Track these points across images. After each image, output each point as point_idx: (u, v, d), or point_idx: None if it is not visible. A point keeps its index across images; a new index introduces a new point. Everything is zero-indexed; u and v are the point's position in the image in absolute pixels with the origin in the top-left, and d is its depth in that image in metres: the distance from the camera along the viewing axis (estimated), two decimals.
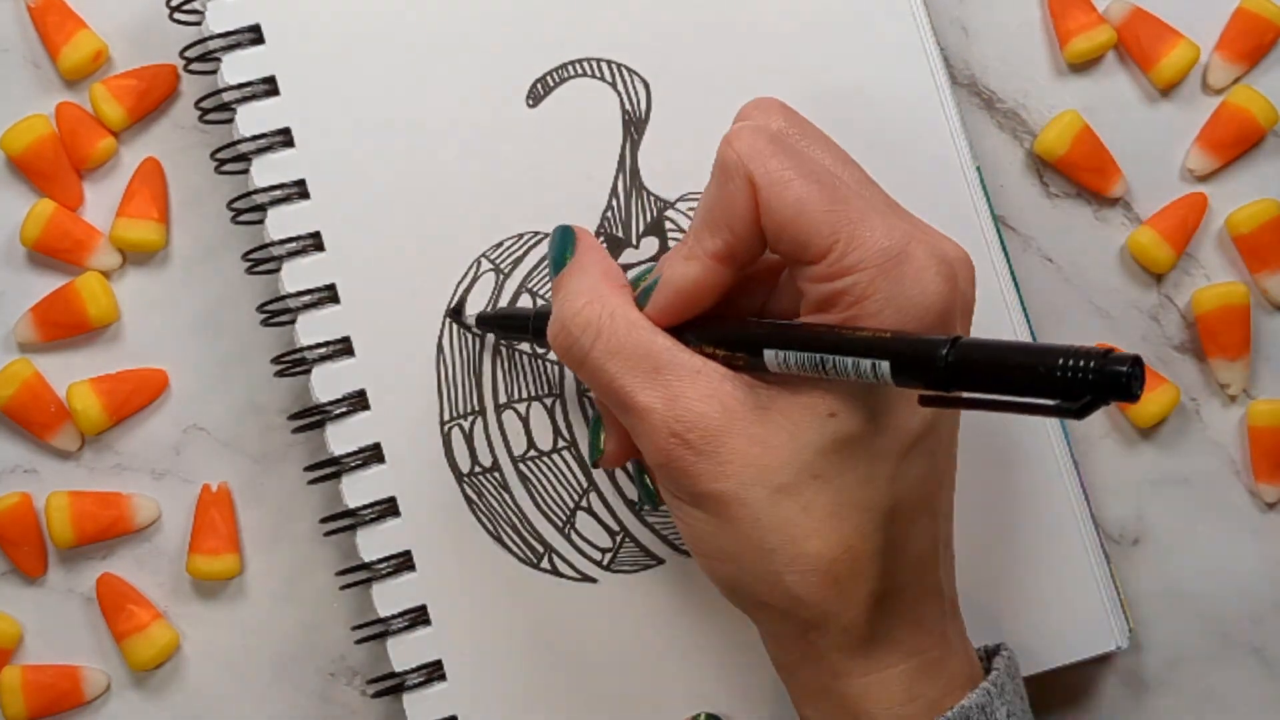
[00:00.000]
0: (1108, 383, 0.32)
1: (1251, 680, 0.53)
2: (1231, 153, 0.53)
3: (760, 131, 0.40)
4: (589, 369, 0.42)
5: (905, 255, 0.38)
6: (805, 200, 0.39)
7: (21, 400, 0.51)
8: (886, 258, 0.38)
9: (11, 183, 0.53)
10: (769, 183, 0.39)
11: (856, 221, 0.39)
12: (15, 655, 0.52)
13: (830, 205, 0.39)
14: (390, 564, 0.49)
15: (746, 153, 0.40)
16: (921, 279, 0.38)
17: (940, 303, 0.39)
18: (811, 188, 0.39)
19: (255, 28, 0.50)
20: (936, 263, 0.39)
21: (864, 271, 0.38)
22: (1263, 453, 0.53)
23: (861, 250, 0.38)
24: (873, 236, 0.38)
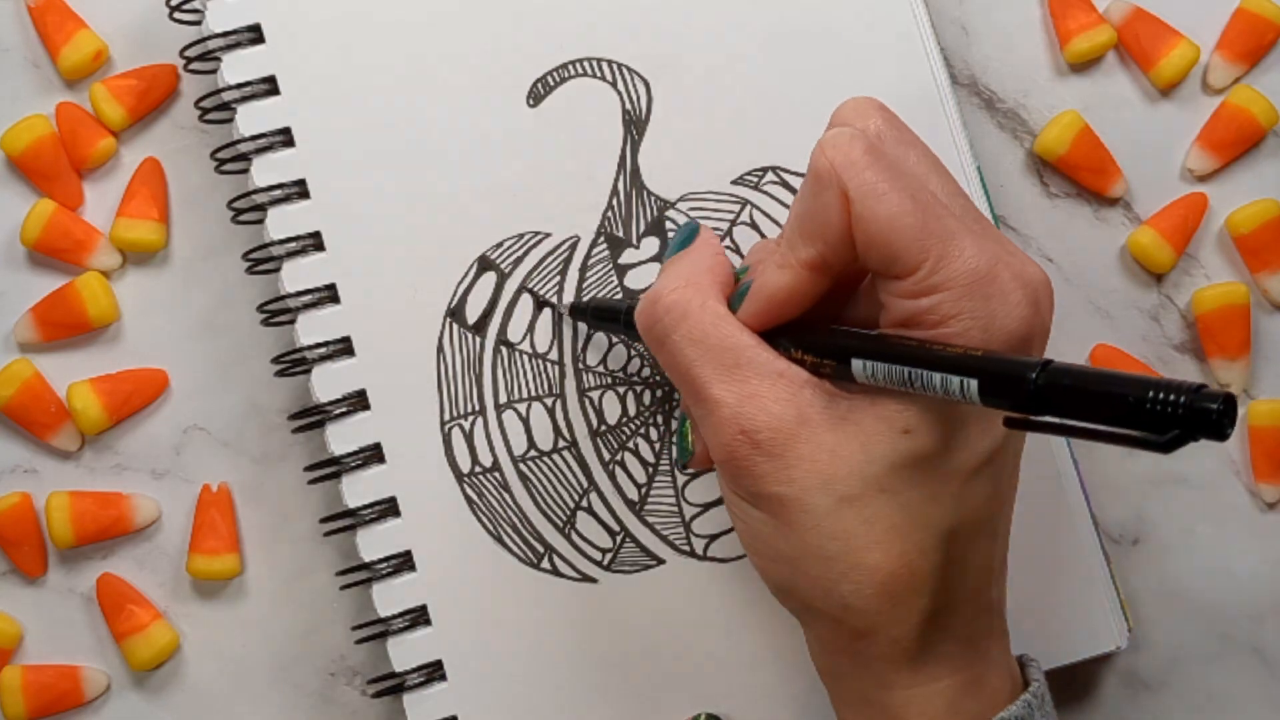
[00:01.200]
0: (1198, 419, 0.32)
1: (1251, 680, 0.53)
2: (1232, 153, 0.53)
3: (855, 139, 0.40)
4: (669, 350, 0.42)
5: (993, 277, 0.38)
6: (898, 215, 0.38)
7: (21, 400, 0.51)
8: (975, 278, 0.38)
9: (11, 183, 0.53)
10: (862, 195, 0.39)
11: (947, 240, 0.38)
12: (15, 655, 0.52)
13: (923, 221, 0.38)
14: (390, 564, 0.49)
15: (841, 162, 0.39)
16: (1007, 302, 0.38)
17: (1024, 327, 0.38)
18: (905, 202, 0.38)
19: (255, 27, 0.50)
20: (1022, 286, 0.38)
21: (951, 291, 0.38)
22: (1263, 453, 0.53)
23: (950, 269, 0.38)
24: (962, 256, 0.38)
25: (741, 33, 0.50)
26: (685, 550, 0.50)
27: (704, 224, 0.45)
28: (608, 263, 0.50)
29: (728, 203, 0.50)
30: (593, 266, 0.50)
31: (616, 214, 0.50)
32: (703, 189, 0.50)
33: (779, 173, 0.50)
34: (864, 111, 0.42)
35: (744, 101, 0.50)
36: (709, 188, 0.50)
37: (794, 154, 0.50)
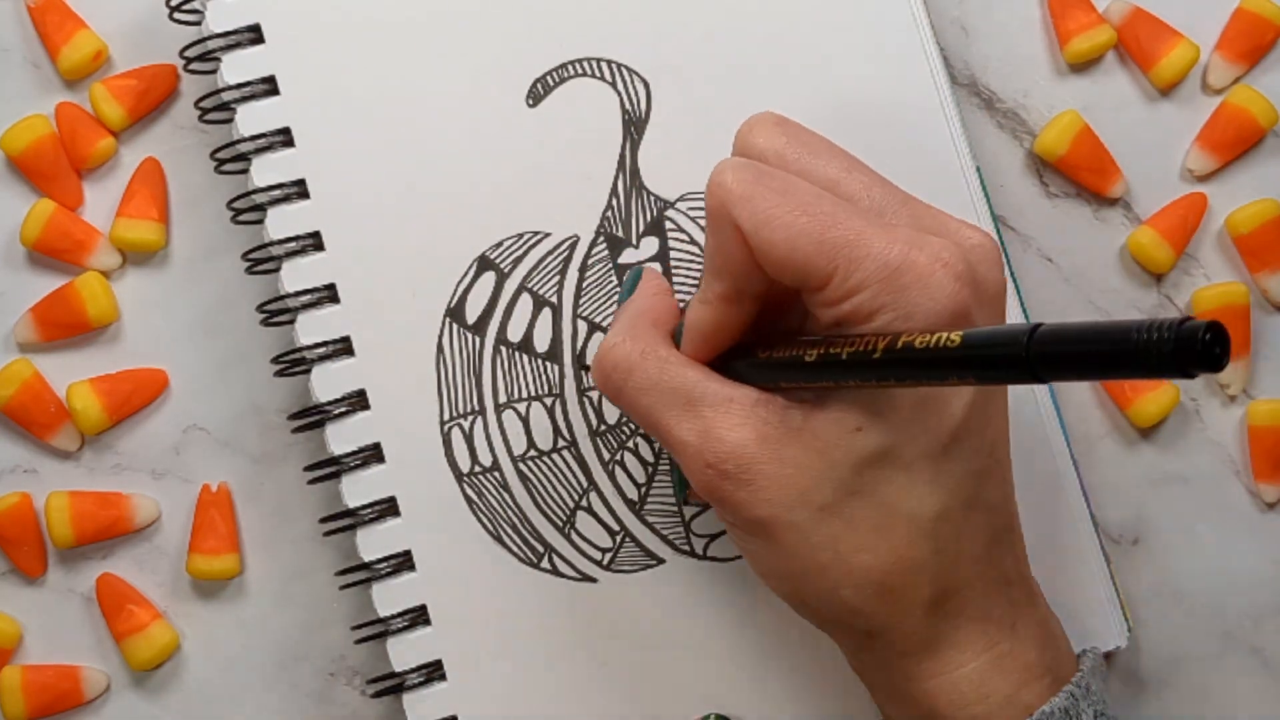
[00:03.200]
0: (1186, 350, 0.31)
1: (1251, 680, 0.53)
2: (1231, 153, 0.53)
3: (740, 169, 0.40)
4: (626, 404, 0.43)
5: (906, 264, 0.38)
6: (794, 234, 0.39)
7: (21, 400, 0.51)
8: (887, 271, 0.38)
9: (11, 183, 0.53)
10: (755, 225, 0.39)
11: (852, 242, 0.39)
12: (15, 655, 0.52)
13: (821, 232, 0.39)
14: (390, 564, 0.49)
15: (728, 197, 0.40)
16: (928, 284, 0.38)
17: (952, 303, 0.38)
18: (799, 220, 0.39)
19: (255, 27, 0.50)
20: (941, 263, 0.39)
21: (868, 290, 0.38)
22: (1263, 453, 0.53)
23: (861, 271, 0.38)
24: (870, 252, 0.38)
25: (741, 33, 0.50)
26: (685, 550, 0.50)
27: (648, 268, 0.46)
28: (607, 262, 0.50)
29: None
30: (592, 266, 0.50)
31: (616, 214, 0.50)
32: (702, 189, 0.50)
33: None
34: (763, 129, 0.43)
35: (744, 101, 0.50)
36: None
37: None
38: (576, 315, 0.50)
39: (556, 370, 0.50)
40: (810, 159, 0.42)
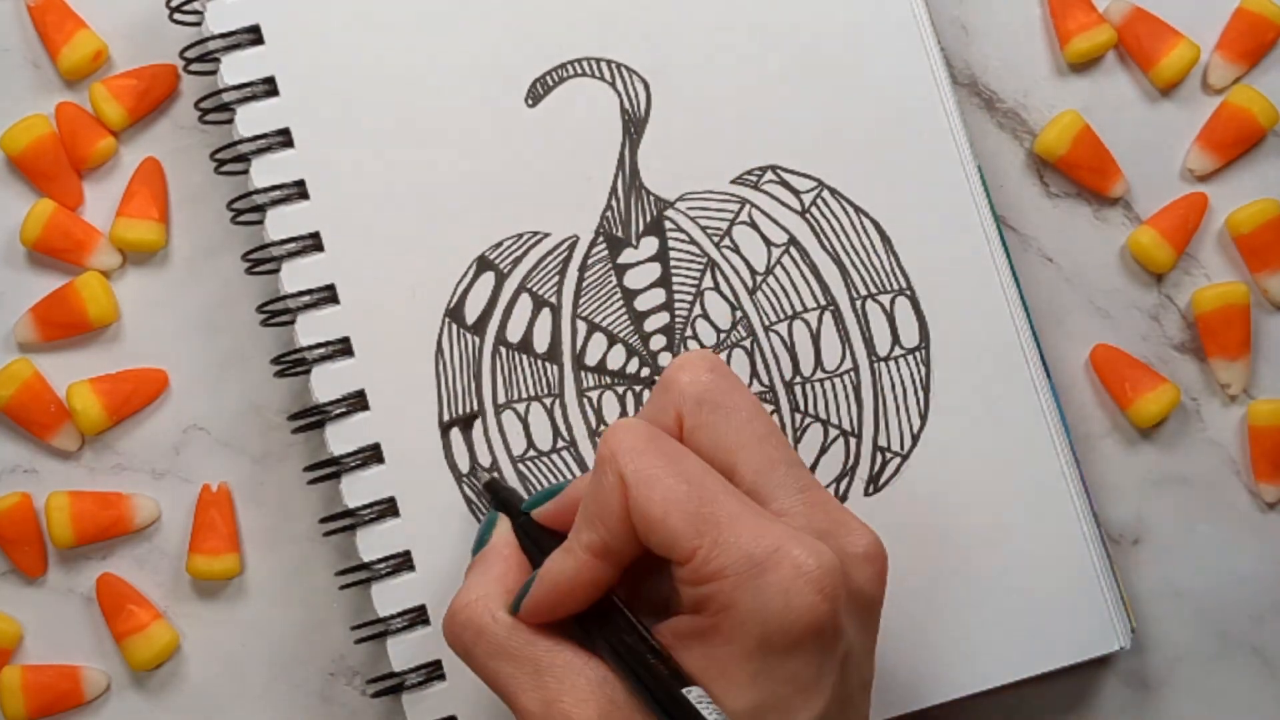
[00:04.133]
0: None
1: (1252, 680, 0.53)
2: (1232, 152, 0.53)
3: (637, 427, 0.40)
4: (474, 666, 0.42)
5: (770, 565, 0.37)
6: (670, 501, 0.38)
7: (21, 400, 0.51)
8: (748, 565, 0.38)
9: (11, 183, 0.53)
10: (637, 481, 0.39)
11: (723, 524, 0.38)
12: (15, 655, 0.52)
13: (696, 507, 0.38)
14: (390, 564, 0.49)
15: (619, 446, 0.40)
16: (786, 591, 0.37)
17: (809, 616, 0.37)
18: (679, 487, 0.39)
19: (255, 28, 0.50)
20: (806, 574, 0.37)
21: (726, 580, 0.38)
22: (1263, 453, 0.53)
23: (723, 557, 0.38)
24: (737, 542, 0.38)
25: (741, 33, 0.50)
26: None
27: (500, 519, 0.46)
28: (607, 262, 0.50)
29: (727, 202, 0.50)
30: (592, 266, 0.50)
31: (615, 214, 0.50)
32: (702, 188, 0.50)
33: (778, 172, 0.50)
34: (692, 368, 0.42)
35: (744, 101, 0.50)
36: (708, 187, 0.50)
37: (793, 154, 0.50)
38: (576, 315, 0.50)
39: (556, 371, 0.50)
40: (726, 412, 0.41)
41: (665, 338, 0.50)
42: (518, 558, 0.44)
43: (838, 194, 0.50)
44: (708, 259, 0.50)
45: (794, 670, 0.38)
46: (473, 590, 0.43)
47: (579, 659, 0.40)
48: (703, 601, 0.38)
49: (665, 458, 0.40)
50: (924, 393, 0.50)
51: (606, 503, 0.40)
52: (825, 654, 0.38)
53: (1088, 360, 0.53)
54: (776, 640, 0.37)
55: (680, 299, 0.50)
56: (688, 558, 0.38)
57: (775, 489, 0.41)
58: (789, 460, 0.41)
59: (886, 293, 0.50)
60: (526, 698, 0.40)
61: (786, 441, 0.42)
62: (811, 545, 0.38)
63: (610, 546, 0.40)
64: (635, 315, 0.50)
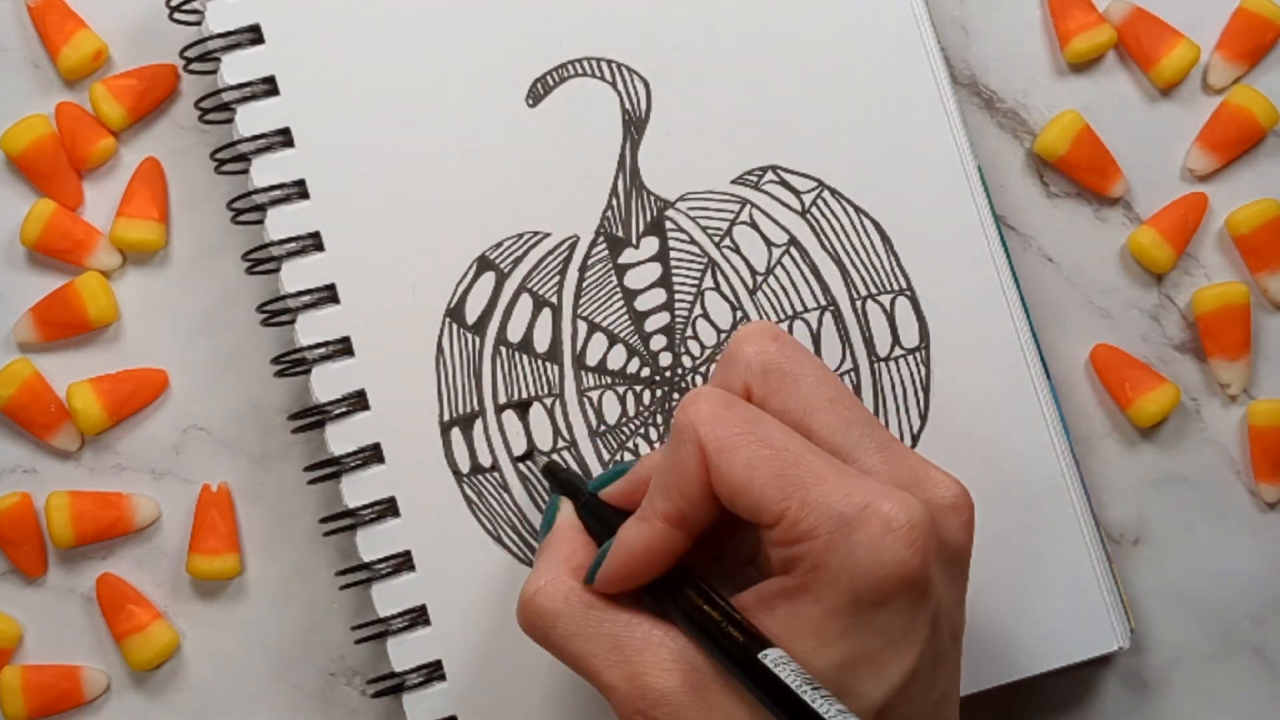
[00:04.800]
0: None
1: (1252, 680, 0.53)
2: (1232, 152, 0.53)
3: (715, 395, 0.40)
4: (553, 649, 0.42)
5: (859, 521, 0.38)
6: (754, 464, 0.39)
7: (21, 400, 0.51)
8: (838, 523, 0.38)
9: (11, 183, 0.53)
10: (718, 448, 0.39)
11: (809, 485, 0.38)
12: (15, 655, 0.52)
13: (781, 469, 0.38)
14: (390, 564, 0.49)
15: (698, 415, 0.40)
16: (877, 546, 0.37)
17: (900, 570, 0.37)
18: (762, 451, 0.39)
19: (255, 28, 0.50)
20: (896, 528, 0.38)
21: (817, 539, 0.38)
22: (1263, 453, 0.53)
23: (813, 517, 0.38)
24: (825, 501, 0.38)
25: (741, 33, 0.50)
26: None
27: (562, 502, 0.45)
28: (607, 262, 0.50)
29: (727, 202, 0.50)
30: (592, 266, 0.50)
31: (616, 214, 0.50)
32: (702, 188, 0.50)
33: (779, 172, 0.50)
34: (757, 337, 0.42)
35: (744, 101, 0.50)
36: (709, 187, 0.50)
37: (794, 154, 0.50)
38: (576, 315, 0.50)
39: (556, 370, 0.50)
40: (794, 379, 0.41)
41: (666, 338, 0.50)
42: (583, 539, 0.44)
43: (838, 194, 0.50)
44: (708, 259, 0.50)
45: (884, 624, 0.38)
46: (543, 575, 0.43)
47: (657, 630, 0.40)
48: (792, 561, 0.38)
49: (745, 423, 0.40)
50: (924, 393, 0.50)
51: (685, 471, 0.40)
52: (916, 607, 0.38)
53: (1088, 360, 0.53)
54: (867, 595, 0.37)
55: (681, 299, 0.50)
56: (775, 520, 0.38)
57: (854, 449, 0.41)
58: (864, 420, 0.41)
59: (886, 293, 0.50)
60: (610, 674, 0.40)
61: (859, 401, 0.42)
62: (900, 499, 0.38)
63: (687, 515, 0.40)
64: (636, 315, 0.50)
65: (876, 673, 0.38)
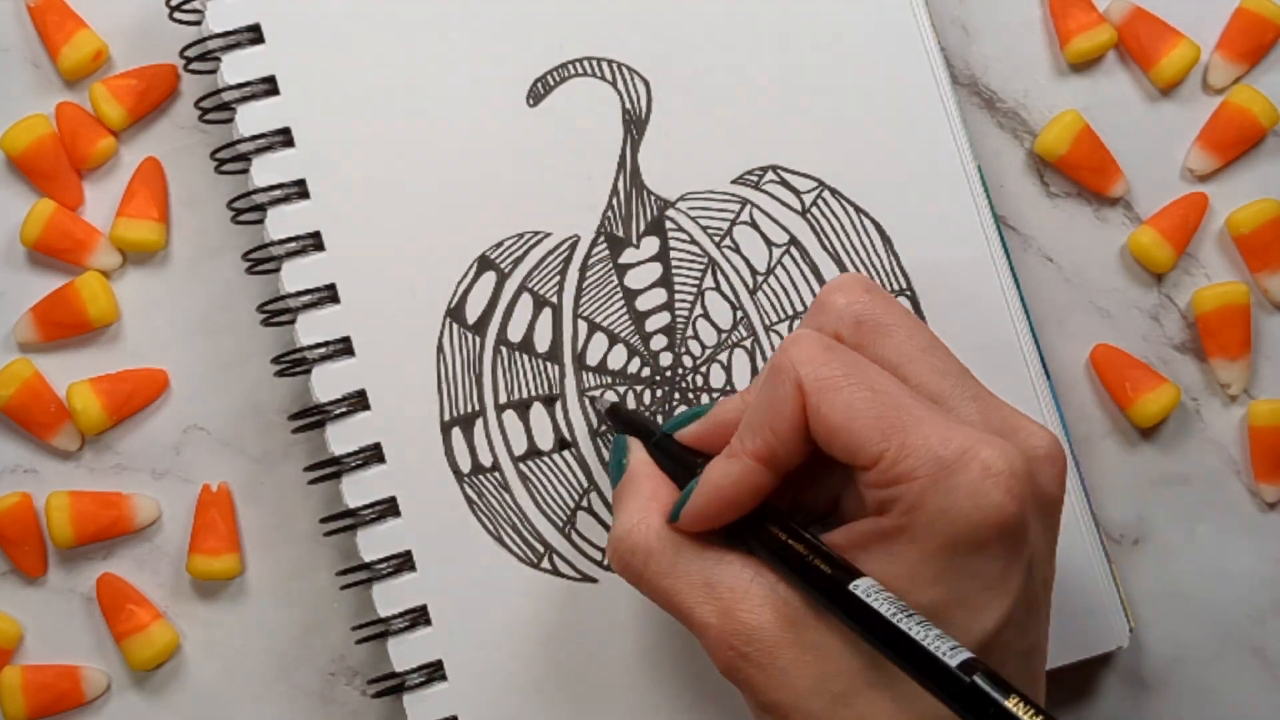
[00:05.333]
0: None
1: (1251, 680, 0.53)
2: (1232, 152, 0.53)
3: (812, 338, 0.40)
4: (646, 588, 0.42)
5: (959, 466, 0.38)
6: (854, 406, 0.39)
7: (21, 400, 0.51)
8: (938, 467, 0.38)
9: (11, 183, 0.53)
10: (818, 388, 0.39)
11: (909, 428, 0.38)
12: (15, 655, 0.52)
13: (881, 411, 0.38)
14: (390, 564, 0.49)
15: (799, 355, 0.40)
16: (976, 492, 0.37)
17: (997, 515, 0.38)
18: (862, 393, 0.39)
19: (255, 27, 0.50)
20: (996, 474, 0.38)
21: (915, 482, 0.38)
22: (1263, 453, 0.53)
23: (912, 459, 0.38)
24: (925, 445, 0.38)
25: (741, 32, 0.50)
26: None
27: (631, 442, 0.45)
28: (608, 262, 0.50)
29: (728, 202, 0.50)
30: (593, 266, 0.50)
31: (616, 214, 0.50)
32: (703, 188, 0.50)
33: (779, 172, 0.50)
34: (848, 289, 0.42)
35: (744, 101, 0.50)
36: (709, 187, 0.50)
37: (794, 153, 0.50)
38: (577, 315, 0.50)
39: (557, 370, 0.50)
40: (887, 329, 0.42)
41: (666, 337, 0.50)
42: (663, 478, 0.44)
43: (838, 194, 0.50)
44: (709, 259, 0.50)
45: (980, 568, 0.38)
46: (631, 515, 0.43)
47: (748, 568, 0.40)
48: (887, 503, 0.38)
49: (846, 365, 0.39)
50: None
51: (781, 410, 0.40)
52: (1012, 554, 0.38)
53: (1088, 360, 0.53)
54: (964, 539, 0.38)
55: (681, 299, 0.50)
56: (874, 461, 0.38)
57: (948, 398, 0.41)
58: (957, 370, 0.42)
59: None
60: (702, 610, 0.40)
61: (951, 353, 0.42)
62: (1000, 446, 0.38)
63: (777, 453, 0.40)
64: (636, 315, 0.50)
65: (971, 617, 0.38)
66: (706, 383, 0.50)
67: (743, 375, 0.50)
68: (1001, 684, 0.35)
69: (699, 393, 0.50)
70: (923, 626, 0.36)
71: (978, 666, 0.35)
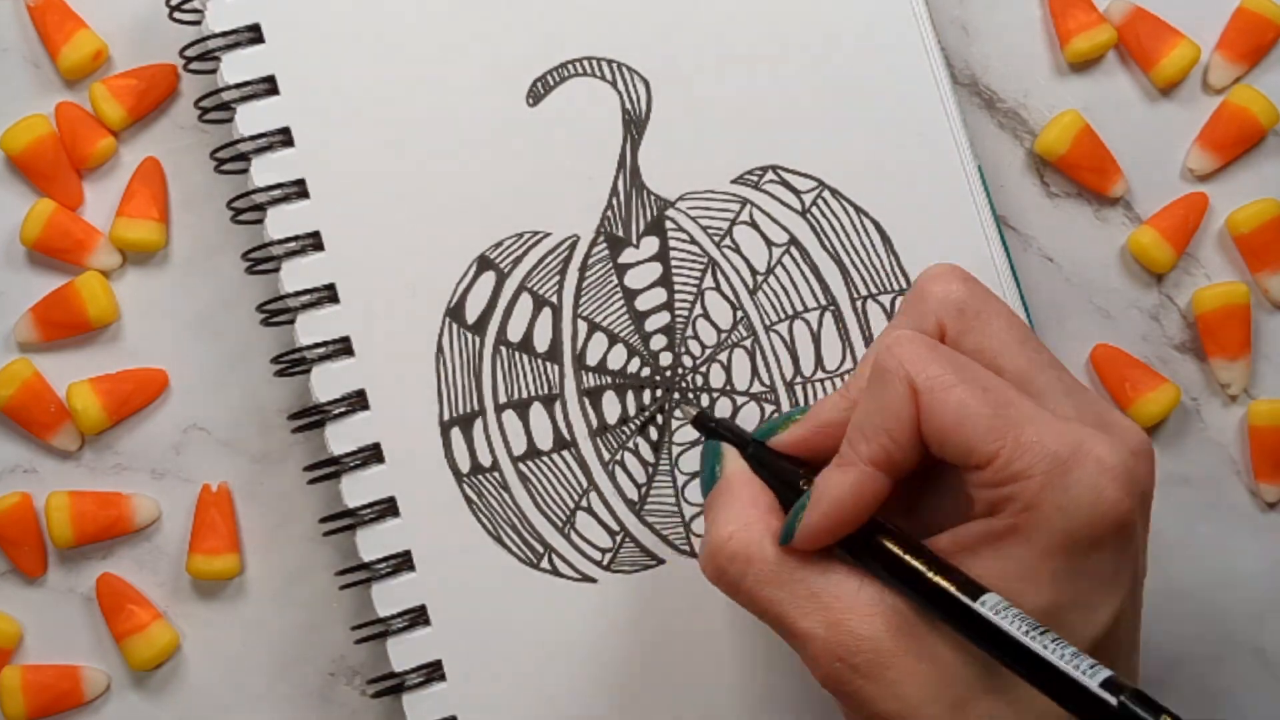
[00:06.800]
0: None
1: (1251, 680, 0.53)
2: (1232, 152, 0.53)
3: (917, 338, 0.40)
4: (744, 597, 0.41)
5: (1075, 462, 0.37)
6: (967, 405, 0.38)
7: (21, 400, 0.51)
8: (1054, 464, 0.37)
9: (11, 183, 0.53)
10: (930, 388, 0.38)
11: (1023, 426, 0.38)
12: (15, 655, 0.52)
13: (994, 410, 0.38)
14: (390, 564, 0.49)
15: (908, 357, 0.39)
16: (1094, 487, 0.37)
17: (1114, 511, 0.37)
18: (974, 392, 0.38)
19: (255, 27, 0.50)
20: (1110, 469, 0.37)
21: (1031, 480, 0.37)
22: (1263, 453, 0.53)
23: (1028, 457, 0.37)
24: (1040, 442, 0.37)
25: (741, 33, 0.50)
26: (685, 550, 0.50)
27: (726, 449, 0.44)
28: (607, 262, 0.50)
29: (728, 202, 0.50)
30: (592, 266, 0.50)
31: (616, 213, 0.50)
32: (703, 188, 0.50)
33: (779, 172, 0.50)
34: (945, 277, 0.42)
35: (744, 101, 0.50)
36: (709, 187, 0.50)
37: (794, 153, 0.50)
38: (576, 315, 0.50)
39: (556, 370, 0.50)
40: (986, 318, 0.41)
41: (666, 337, 0.50)
42: (760, 484, 0.43)
43: (838, 194, 0.50)
44: (708, 259, 0.50)
45: (1096, 566, 0.38)
46: (730, 522, 0.41)
47: (852, 578, 0.39)
48: (1001, 503, 0.38)
49: (953, 364, 0.39)
50: None
51: (895, 412, 0.39)
52: (1125, 548, 0.38)
53: (1088, 360, 0.53)
54: (1082, 536, 0.37)
55: (681, 299, 0.50)
56: (988, 461, 0.38)
57: (1044, 391, 0.40)
58: (1052, 363, 0.41)
59: (887, 293, 0.50)
60: (808, 621, 0.39)
61: (1044, 346, 0.42)
62: (1110, 441, 0.38)
63: (894, 457, 0.39)
64: (636, 315, 0.50)
65: (1086, 616, 0.38)
66: (706, 383, 0.50)
67: (743, 375, 0.50)
68: (1150, 703, 0.34)
69: (699, 393, 0.50)
70: (1057, 645, 0.36)
71: (1123, 686, 0.35)
